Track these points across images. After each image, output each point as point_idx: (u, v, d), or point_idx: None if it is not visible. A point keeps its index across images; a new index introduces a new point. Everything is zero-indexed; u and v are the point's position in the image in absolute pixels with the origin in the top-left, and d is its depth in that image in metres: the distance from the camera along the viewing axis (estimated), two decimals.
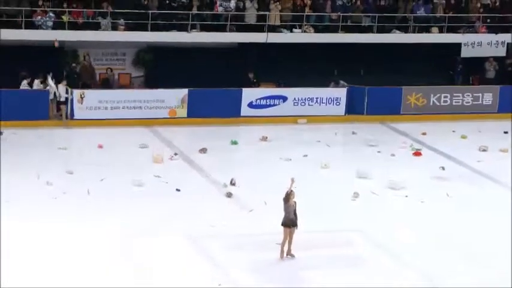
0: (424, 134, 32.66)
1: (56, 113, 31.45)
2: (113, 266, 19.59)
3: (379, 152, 30.09)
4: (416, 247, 21.60)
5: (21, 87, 31.27)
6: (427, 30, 36.85)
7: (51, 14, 32.17)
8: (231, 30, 34.27)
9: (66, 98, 31.21)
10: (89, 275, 19.03)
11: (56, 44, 31.17)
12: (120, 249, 20.57)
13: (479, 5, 37.90)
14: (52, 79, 31.24)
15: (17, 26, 31.61)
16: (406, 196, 25.53)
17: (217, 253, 20.65)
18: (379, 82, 34.80)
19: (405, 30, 36.56)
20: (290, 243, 20.33)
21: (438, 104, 35.58)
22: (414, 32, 36.68)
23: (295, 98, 33.79)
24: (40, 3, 32.24)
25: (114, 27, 33.02)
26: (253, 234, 21.77)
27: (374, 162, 28.44)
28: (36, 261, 19.55)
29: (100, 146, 28.73)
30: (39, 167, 26.09)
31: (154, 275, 19.21)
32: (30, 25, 31.95)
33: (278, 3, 34.93)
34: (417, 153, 30.01)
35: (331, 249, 21.15)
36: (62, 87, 31.11)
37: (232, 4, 34.52)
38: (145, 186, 25.21)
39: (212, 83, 32.88)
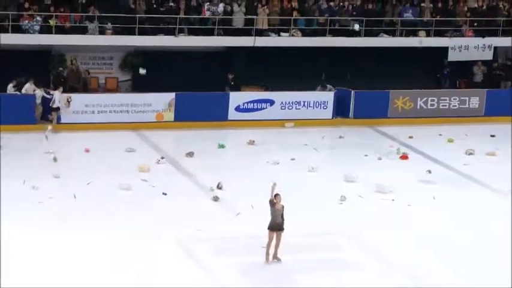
0: (411, 137, 32.72)
1: (47, 117, 31.24)
2: (99, 269, 19.54)
3: (366, 155, 30.11)
4: (403, 250, 21.65)
5: (8, 92, 31.15)
6: (414, 34, 36.92)
7: (38, 18, 32.08)
8: (218, 34, 34.27)
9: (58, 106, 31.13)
10: (76, 279, 18.98)
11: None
12: (106, 253, 20.49)
13: (466, 8, 38.03)
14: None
15: (3, 30, 31.48)
16: (393, 200, 25.57)
17: (205, 256, 20.63)
18: (367, 86, 34.79)
19: (393, 34, 36.62)
20: (277, 246, 20.32)
21: (425, 107, 35.66)
22: (401, 36, 36.73)
23: (282, 102, 33.82)
24: (27, 6, 32.13)
25: (102, 32, 32.96)
26: (240, 238, 21.76)
27: (361, 166, 28.46)
28: (20, 266, 19.47)
29: (87, 150, 28.69)
30: (25, 172, 26.03)
31: (142, 278, 19.18)
32: (17, 29, 31.81)
33: (266, 7, 34.97)
34: (404, 157, 30.05)
35: (318, 252, 21.17)
36: (58, 94, 30.96)
37: (220, 8, 34.52)
38: (133, 190, 25.18)
39: (199, 87, 32.86)
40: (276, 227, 20.21)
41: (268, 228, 20.28)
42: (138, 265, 19.85)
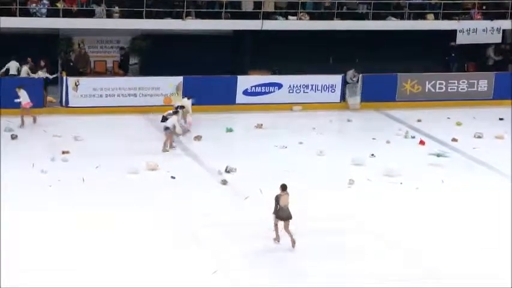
0: (419, 120, 32.60)
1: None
2: (106, 254, 19.60)
3: (374, 139, 30.04)
4: (411, 233, 21.65)
5: (21, 75, 31.10)
6: (422, 16, 36.71)
7: (45, 1, 31.94)
8: (226, 18, 34.12)
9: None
10: (85, 263, 19.09)
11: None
12: (113, 237, 20.53)
13: None
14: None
15: (11, 13, 31.38)
16: (401, 183, 25.56)
17: (212, 240, 20.66)
18: (375, 69, 34.65)
19: (401, 16, 36.43)
20: (290, 233, 20.30)
21: (433, 90, 35.45)
22: (409, 19, 36.52)
23: (290, 85, 33.70)
24: None
25: (109, 15, 32.82)
26: (248, 222, 21.76)
27: (369, 149, 28.37)
28: (33, 249, 19.59)
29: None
30: (34, 155, 26.05)
31: (149, 263, 19.23)
32: (25, 13, 31.71)
33: None
34: (422, 142, 29.91)
35: (328, 236, 21.15)
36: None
37: None
38: (140, 174, 25.20)
39: (207, 70, 32.77)
40: (284, 215, 20.25)
41: (277, 217, 20.35)
42: (145, 249, 19.91)
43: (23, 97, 28.87)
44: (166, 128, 27.56)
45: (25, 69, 31.08)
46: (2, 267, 18.43)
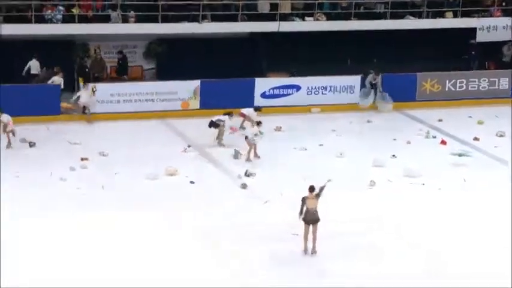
0: (440, 120, 32.27)
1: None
2: (129, 259, 19.59)
3: (394, 139, 29.75)
4: (434, 234, 21.51)
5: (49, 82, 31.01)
6: (441, 15, 36.37)
7: (60, 8, 31.83)
8: (242, 20, 33.93)
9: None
10: (106, 268, 19.07)
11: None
12: (135, 242, 20.49)
13: None
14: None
15: (27, 20, 31.30)
16: (423, 184, 25.36)
17: (233, 244, 20.57)
18: (393, 69, 34.35)
19: (419, 15, 36.11)
20: (314, 239, 20.13)
21: (454, 89, 35.07)
22: (428, 18, 36.20)
23: (308, 87, 33.44)
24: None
25: (125, 20, 32.67)
26: (269, 225, 21.65)
27: (390, 150, 28.10)
28: (50, 258, 19.54)
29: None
30: (52, 163, 25.91)
31: (172, 267, 19.23)
32: (40, 19, 31.60)
33: None
34: (443, 142, 29.59)
35: (349, 238, 21.10)
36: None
37: None
38: (160, 179, 25.05)
39: (224, 74, 32.58)
40: (310, 218, 19.98)
41: (303, 220, 20.09)
42: (167, 253, 19.90)
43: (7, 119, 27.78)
44: (216, 125, 27.83)
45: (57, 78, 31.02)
46: (20, 272, 18.44)
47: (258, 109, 30.08)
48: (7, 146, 27.36)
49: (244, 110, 30.06)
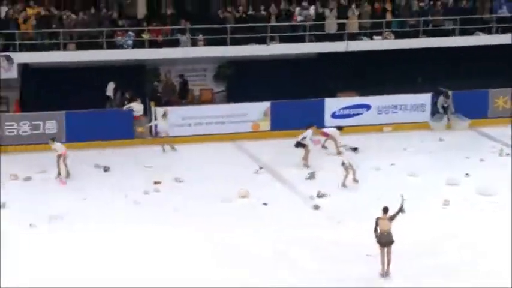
0: None
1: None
2: (208, 279, 19.79)
3: (467, 158, 29.45)
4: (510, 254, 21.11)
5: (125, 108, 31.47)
6: (510, 30, 35.92)
7: (131, 33, 32.28)
8: (310, 40, 33.95)
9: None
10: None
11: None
12: (213, 262, 20.69)
13: None
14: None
15: (98, 46, 31.83)
16: (498, 202, 24.99)
17: (308, 264, 20.62)
18: (465, 86, 34.02)
19: (488, 31, 35.72)
20: (388, 262, 19.96)
21: None
22: (497, 33, 35.78)
23: (378, 106, 33.39)
24: (120, 23, 32.38)
25: (194, 43, 32.98)
26: (342, 246, 21.62)
27: (463, 169, 27.86)
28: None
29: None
30: (126, 186, 26.25)
31: (248, 283, 19.44)
32: (111, 45, 32.11)
33: (356, 9, 34.38)
34: None
35: (425, 258, 20.91)
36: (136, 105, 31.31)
37: (311, 11, 34.16)
38: (233, 202, 25.19)
39: (293, 95, 32.64)
40: (383, 241, 19.86)
41: (377, 243, 19.98)
42: (242, 273, 20.07)
43: (59, 148, 27.52)
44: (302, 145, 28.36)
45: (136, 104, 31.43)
46: None
47: (340, 128, 30.07)
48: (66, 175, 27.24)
49: (327, 130, 30.07)
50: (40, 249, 21.31)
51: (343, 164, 26.55)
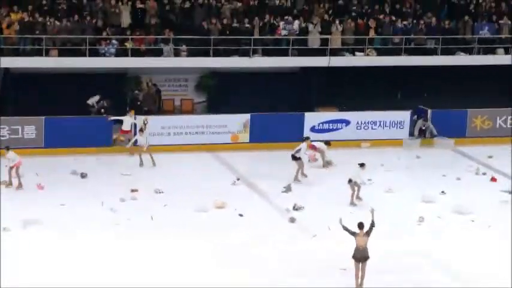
0: (490, 157, 32.07)
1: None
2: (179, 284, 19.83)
3: (444, 175, 29.63)
4: (484, 271, 21.35)
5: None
6: (492, 51, 36.24)
7: (114, 42, 32.38)
8: (292, 55, 34.14)
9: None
10: None
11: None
12: (184, 274, 20.67)
13: None
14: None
15: (81, 54, 31.89)
16: (473, 220, 25.19)
17: (281, 277, 20.64)
18: (444, 105, 34.26)
19: (469, 51, 36.02)
20: (362, 277, 20.07)
21: (504, 126, 34.94)
22: (479, 54, 36.09)
23: (358, 122, 33.57)
24: (104, 34, 32.43)
25: (177, 54, 33.10)
26: (317, 259, 21.67)
27: (439, 186, 28.03)
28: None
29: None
30: (103, 193, 26.30)
31: None
32: (94, 53, 32.17)
33: (340, 24, 34.58)
34: (494, 179, 29.47)
35: (398, 274, 21.01)
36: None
37: (296, 26, 34.33)
38: (208, 212, 25.24)
39: (274, 108, 32.80)
40: (359, 256, 19.98)
41: (352, 258, 20.10)
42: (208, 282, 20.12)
43: (13, 157, 26.86)
44: (296, 158, 28.27)
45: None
46: None
47: (328, 143, 30.23)
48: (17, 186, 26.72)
49: (316, 143, 30.23)
50: (12, 254, 21.26)
51: (350, 181, 26.49)
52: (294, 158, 28.59)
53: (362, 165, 26.85)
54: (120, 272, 20.60)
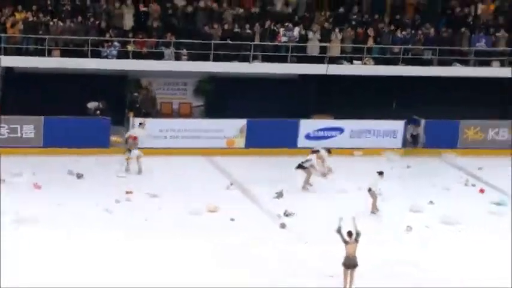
0: (480, 168, 32.39)
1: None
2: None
3: (433, 186, 30.06)
4: (470, 283, 21.73)
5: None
6: (487, 63, 36.59)
7: (116, 44, 32.77)
8: (291, 62, 34.48)
9: None
10: None
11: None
12: (184, 274, 21.18)
13: None
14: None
15: (83, 55, 32.30)
16: (460, 231, 25.58)
17: (270, 282, 21.08)
18: (437, 115, 34.62)
19: (466, 63, 36.35)
20: (351, 283, 20.55)
21: (496, 138, 35.30)
22: (475, 66, 36.41)
23: (352, 130, 33.92)
24: (107, 36, 32.85)
25: (177, 57, 33.44)
26: (307, 266, 22.11)
27: (428, 196, 28.44)
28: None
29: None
30: (98, 194, 26.77)
31: None
32: (96, 54, 32.53)
33: (340, 33, 34.97)
34: (481, 191, 29.89)
35: (384, 282, 21.43)
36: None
37: (296, 33, 34.68)
38: (201, 216, 25.70)
39: (271, 114, 33.12)
40: (349, 263, 20.49)
41: (342, 265, 20.58)
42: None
43: None
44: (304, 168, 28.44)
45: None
46: None
47: (329, 151, 30.35)
48: None
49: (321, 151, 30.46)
50: (6, 252, 21.58)
51: (369, 190, 26.83)
52: (301, 167, 28.85)
53: (381, 173, 27.18)
54: (118, 271, 21.04)
